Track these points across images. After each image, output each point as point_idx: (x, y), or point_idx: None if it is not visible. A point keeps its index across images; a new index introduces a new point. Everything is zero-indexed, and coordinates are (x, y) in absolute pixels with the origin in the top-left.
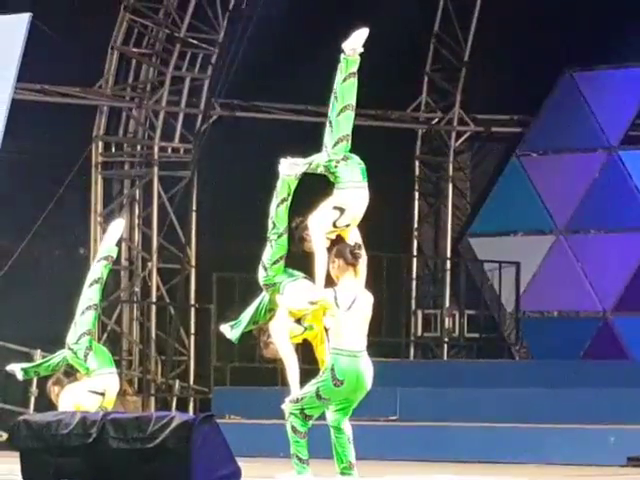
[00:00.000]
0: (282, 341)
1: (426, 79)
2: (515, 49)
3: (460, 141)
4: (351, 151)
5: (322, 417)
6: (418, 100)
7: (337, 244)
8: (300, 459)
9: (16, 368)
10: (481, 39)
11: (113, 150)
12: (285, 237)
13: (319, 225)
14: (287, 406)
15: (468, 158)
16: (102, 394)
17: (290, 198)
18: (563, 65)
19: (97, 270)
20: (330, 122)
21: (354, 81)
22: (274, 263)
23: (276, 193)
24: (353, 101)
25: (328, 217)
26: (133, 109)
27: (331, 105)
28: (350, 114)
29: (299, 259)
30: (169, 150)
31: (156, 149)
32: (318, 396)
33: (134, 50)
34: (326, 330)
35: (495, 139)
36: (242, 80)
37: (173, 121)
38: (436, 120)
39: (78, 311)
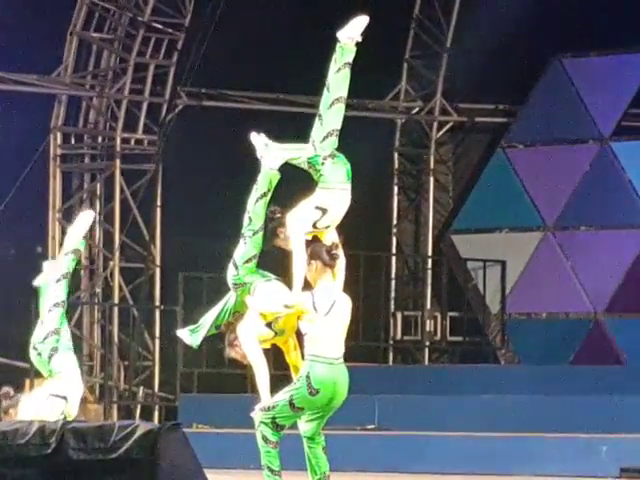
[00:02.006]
0: (250, 345)
1: (406, 66)
2: (500, 34)
3: (442, 132)
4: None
5: (294, 426)
6: (397, 88)
7: (313, 244)
8: (272, 470)
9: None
10: (464, 23)
11: (72, 142)
12: (260, 235)
13: (299, 224)
14: (257, 414)
15: (450, 150)
16: (64, 398)
17: (270, 193)
18: (551, 51)
19: (64, 265)
20: (320, 115)
21: (348, 72)
22: (246, 262)
23: (256, 186)
24: (345, 93)
25: (309, 217)
26: (94, 98)
27: (323, 97)
28: (341, 107)
29: (270, 259)
30: (132, 142)
31: (118, 141)
32: (292, 405)
33: (94, 35)
34: (299, 336)
35: (479, 130)
36: (210, 67)
37: (136, 111)
38: (416, 110)
39: (44, 308)
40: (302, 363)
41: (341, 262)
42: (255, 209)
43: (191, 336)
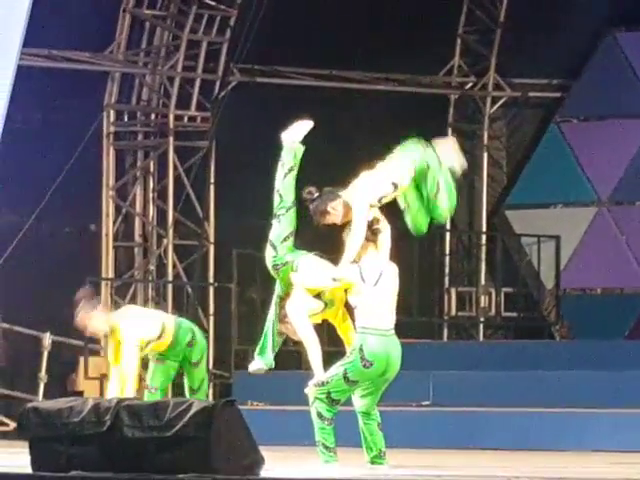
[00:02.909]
0: (301, 321)
1: (459, 41)
2: (554, 9)
3: (495, 107)
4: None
5: (349, 403)
6: (450, 64)
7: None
8: (326, 447)
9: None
10: None
11: (125, 119)
12: (293, 211)
13: (365, 198)
14: (311, 390)
15: (504, 125)
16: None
17: (297, 168)
18: (606, 25)
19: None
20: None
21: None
22: (284, 240)
23: (281, 162)
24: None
25: (379, 190)
26: (146, 75)
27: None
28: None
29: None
30: (185, 119)
31: (171, 118)
32: (346, 379)
33: (147, 12)
34: (349, 309)
35: (533, 105)
36: (262, 44)
37: (189, 88)
38: (470, 85)
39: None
40: (354, 335)
41: (386, 232)
42: (284, 185)
43: (263, 359)
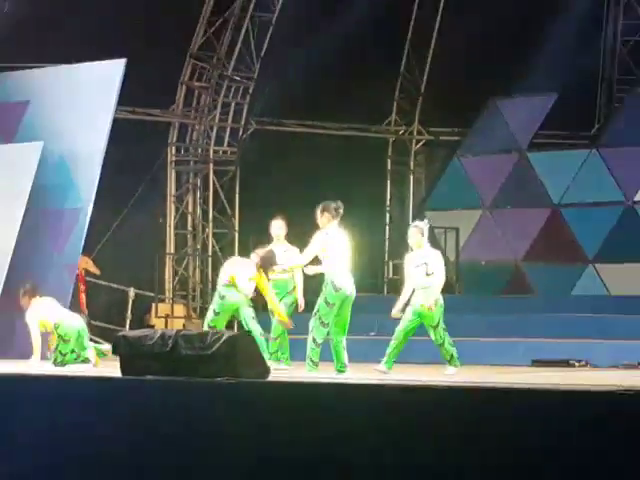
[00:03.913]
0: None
1: (395, 104)
2: (456, 82)
3: (418, 146)
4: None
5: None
6: (389, 118)
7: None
8: (313, 361)
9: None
10: (432, 76)
11: (182, 152)
12: None
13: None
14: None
15: (423, 158)
16: None
17: None
18: (489, 94)
19: None
20: None
21: None
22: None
23: None
24: None
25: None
26: (195, 125)
27: None
28: None
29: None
30: (220, 152)
31: (211, 152)
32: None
33: (196, 84)
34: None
35: (443, 144)
36: (271, 104)
37: (222, 132)
38: (402, 131)
39: None
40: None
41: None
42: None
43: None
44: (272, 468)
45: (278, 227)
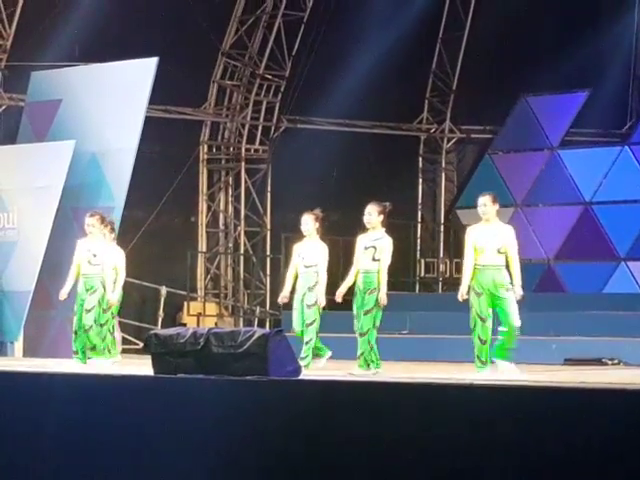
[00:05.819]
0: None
1: (427, 102)
2: (488, 80)
3: (450, 144)
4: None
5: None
6: (421, 116)
7: None
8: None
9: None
10: (463, 74)
11: (214, 150)
12: None
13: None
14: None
15: (455, 155)
16: None
17: None
18: (520, 91)
19: None
20: None
21: None
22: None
23: None
24: None
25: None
26: (227, 123)
27: None
28: None
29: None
30: (252, 150)
31: (243, 150)
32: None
33: (228, 82)
34: None
35: (474, 142)
36: (301, 102)
37: (254, 130)
38: (433, 130)
39: None
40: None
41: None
42: None
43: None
44: (298, 466)
45: (305, 222)
